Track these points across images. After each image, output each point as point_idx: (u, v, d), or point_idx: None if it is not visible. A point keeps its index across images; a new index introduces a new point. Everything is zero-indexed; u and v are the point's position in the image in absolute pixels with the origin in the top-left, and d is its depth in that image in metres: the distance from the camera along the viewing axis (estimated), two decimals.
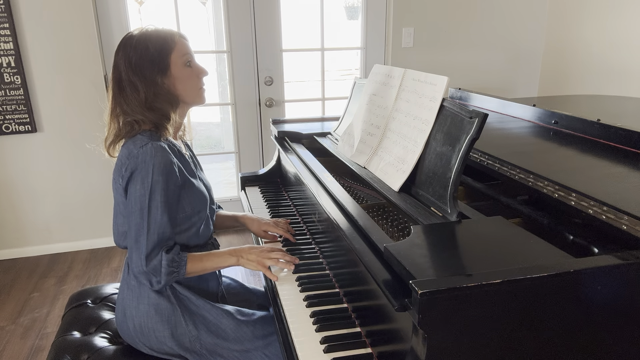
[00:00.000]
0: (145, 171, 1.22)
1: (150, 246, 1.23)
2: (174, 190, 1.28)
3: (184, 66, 1.31)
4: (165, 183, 1.24)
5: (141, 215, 1.23)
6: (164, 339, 1.32)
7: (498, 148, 1.41)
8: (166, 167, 1.24)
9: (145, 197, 1.23)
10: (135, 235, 1.24)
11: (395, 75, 1.44)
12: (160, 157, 1.23)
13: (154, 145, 1.24)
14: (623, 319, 0.89)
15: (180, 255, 1.28)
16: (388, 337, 0.99)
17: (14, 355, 2.23)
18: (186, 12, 4.58)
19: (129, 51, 1.27)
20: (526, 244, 0.95)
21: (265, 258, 1.34)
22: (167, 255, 1.25)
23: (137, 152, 1.24)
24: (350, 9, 5.07)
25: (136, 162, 1.23)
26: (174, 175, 1.27)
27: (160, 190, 1.24)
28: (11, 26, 2.75)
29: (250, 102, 3.34)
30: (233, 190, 3.78)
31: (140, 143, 1.25)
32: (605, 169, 1.26)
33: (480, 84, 3.60)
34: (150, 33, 1.30)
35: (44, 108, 2.95)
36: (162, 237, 1.25)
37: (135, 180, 1.23)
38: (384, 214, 1.38)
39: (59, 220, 3.18)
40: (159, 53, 1.28)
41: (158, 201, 1.24)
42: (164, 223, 1.25)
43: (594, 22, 3.25)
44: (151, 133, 1.29)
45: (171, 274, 1.26)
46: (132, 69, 1.26)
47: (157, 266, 1.24)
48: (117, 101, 1.30)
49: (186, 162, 1.37)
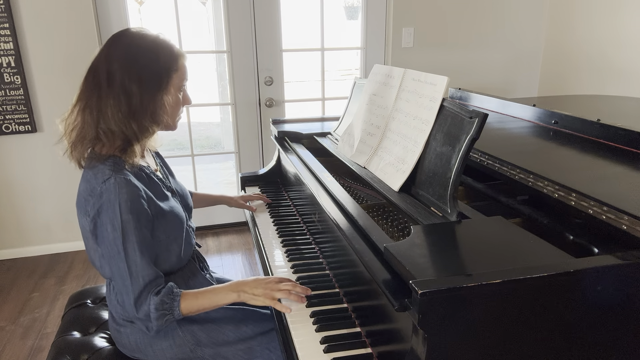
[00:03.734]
0: (112, 211, 1.11)
1: (137, 291, 1.14)
2: (146, 225, 1.17)
3: (177, 90, 1.24)
4: (136, 222, 1.13)
5: (120, 259, 1.13)
6: (163, 352, 1.29)
7: (498, 148, 1.41)
8: (134, 203, 1.13)
9: (119, 239, 1.12)
10: (120, 279, 1.15)
11: (395, 75, 1.44)
12: (125, 194, 1.12)
13: (118, 179, 1.12)
14: (623, 319, 0.89)
15: (171, 296, 1.17)
16: (388, 337, 0.99)
17: (14, 355, 2.23)
18: (186, 12, 4.58)
19: (135, 53, 1.16)
20: (526, 244, 0.94)
21: (275, 290, 1.20)
22: (156, 297, 1.15)
23: (100, 189, 1.12)
24: (350, 9, 5.07)
25: (100, 201, 1.12)
26: (143, 211, 1.16)
27: (133, 230, 1.13)
28: (11, 26, 2.75)
29: (250, 102, 3.34)
30: (233, 190, 3.78)
31: (102, 177, 1.13)
32: (605, 169, 1.26)
33: (480, 84, 3.60)
34: (161, 43, 1.20)
35: (44, 108, 2.95)
36: (147, 280, 1.15)
37: (103, 222, 1.13)
38: (384, 214, 1.38)
39: (59, 220, 3.18)
40: (167, 69, 1.19)
41: (133, 242, 1.13)
42: (144, 265, 1.15)
43: (594, 22, 3.25)
44: (114, 160, 1.16)
45: (163, 317, 1.16)
46: (134, 73, 1.15)
47: (147, 311, 1.15)
48: (96, 96, 1.15)
49: (155, 186, 1.27)
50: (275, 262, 1.47)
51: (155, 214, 1.20)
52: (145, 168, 1.27)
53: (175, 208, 1.29)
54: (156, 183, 1.28)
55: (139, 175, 1.22)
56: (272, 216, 1.80)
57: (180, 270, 1.34)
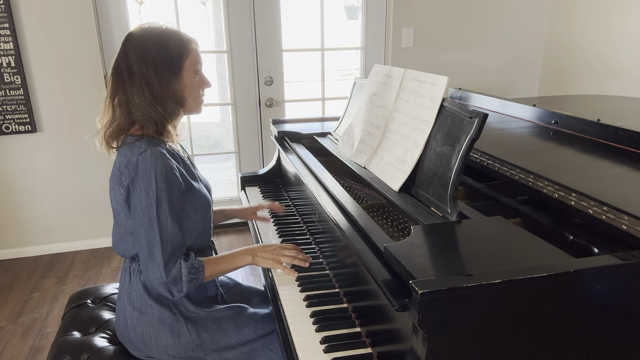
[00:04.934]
0: (147, 180, 1.19)
1: (167, 256, 1.21)
2: (178, 197, 1.25)
3: (193, 73, 1.30)
4: (169, 190, 1.21)
5: (151, 227, 1.20)
6: (166, 348, 1.31)
7: (498, 148, 1.41)
8: (168, 173, 1.21)
9: (152, 206, 1.19)
10: (147, 247, 1.21)
11: (395, 75, 1.44)
12: (161, 164, 1.20)
13: (153, 151, 1.21)
14: (623, 319, 0.89)
15: (197, 261, 1.27)
16: (388, 337, 0.99)
17: (14, 355, 2.23)
18: (186, 12, 4.59)
19: (148, 45, 1.24)
20: (526, 244, 0.95)
21: (280, 255, 1.34)
22: (186, 262, 1.23)
23: (137, 159, 1.20)
24: (350, 9, 5.07)
25: (136, 170, 1.20)
26: (177, 181, 1.24)
27: (167, 198, 1.20)
28: (11, 26, 2.75)
29: (250, 102, 3.34)
30: (233, 190, 3.77)
31: (138, 150, 1.21)
32: (605, 169, 1.26)
33: (480, 84, 3.60)
34: (171, 32, 1.28)
35: (44, 108, 2.95)
36: (175, 246, 1.23)
37: (138, 190, 1.20)
38: (384, 214, 1.38)
39: (59, 220, 3.18)
40: (178, 54, 1.26)
41: (166, 209, 1.21)
42: (174, 231, 1.22)
43: (593, 22, 3.25)
44: (149, 138, 1.26)
45: (191, 281, 1.24)
46: (150, 63, 1.23)
47: (177, 275, 1.22)
48: (122, 89, 1.25)
49: (187, 166, 1.35)
50: None
51: (186, 188, 1.29)
52: (178, 152, 1.35)
53: (203, 189, 1.38)
54: (187, 164, 1.37)
55: (172, 154, 1.30)
56: (272, 216, 1.80)
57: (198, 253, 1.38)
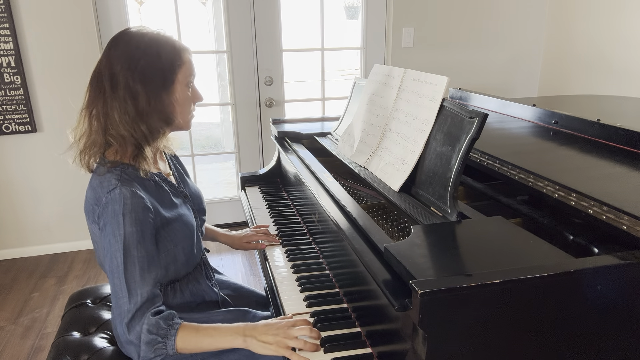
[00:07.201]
0: (115, 223, 1.07)
1: (133, 309, 1.06)
2: (150, 239, 1.12)
3: (185, 87, 1.19)
4: (140, 235, 1.09)
5: (118, 275, 1.07)
6: None
7: (498, 148, 1.41)
8: (138, 216, 1.09)
9: (119, 252, 1.07)
10: (115, 298, 1.08)
11: (395, 75, 1.44)
12: (130, 205, 1.08)
13: (123, 190, 1.09)
14: (623, 319, 0.89)
15: (170, 322, 1.08)
16: (388, 337, 0.99)
17: (14, 355, 2.23)
18: (186, 12, 4.58)
19: (137, 53, 1.12)
20: (526, 244, 0.95)
21: (287, 338, 1.06)
22: (152, 318, 1.06)
23: (105, 199, 1.09)
24: (350, 9, 5.07)
25: (105, 211, 1.09)
26: (148, 224, 1.11)
27: (136, 244, 1.08)
28: (11, 26, 2.75)
29: (250, 102, 3.34)
30: (233, 190, 3.77)
31: (107, 186, 1.10)
32: (605, 169, 1.26)
33: (480, 84, 3.60)
34: (161, 39, 1.15)
35: (44, 108, 2.95)
36: (145, 298, 1.08)
37: (106, 232, 1.09)
38: (384, 214, 1.38)
39: (59, 220, 3.18)
40: (170, 65, 1.14)
41: (135, 257, 1.08)
42: (144, 282, 1.08)
43: (594, 22, 3.25)
44: (122, 168, 1.13)
45: (153, 344, 1.05)
46: (137, 74, 1.11)
47: (139, 332, 1.06)
48: (102, 101, 1.12)
49: (164, 194, 1.22)
50: (275, 262, 1.47)
51: (161, 225, 1.17)
52: (156, 175, 1.24)
53: (184, 216, 1.26)
54: (165, 191, 1.24)
55: (147, 184, 1.19)
56: (272, 216, 1.80)
57: (185, 276, 1.31)
